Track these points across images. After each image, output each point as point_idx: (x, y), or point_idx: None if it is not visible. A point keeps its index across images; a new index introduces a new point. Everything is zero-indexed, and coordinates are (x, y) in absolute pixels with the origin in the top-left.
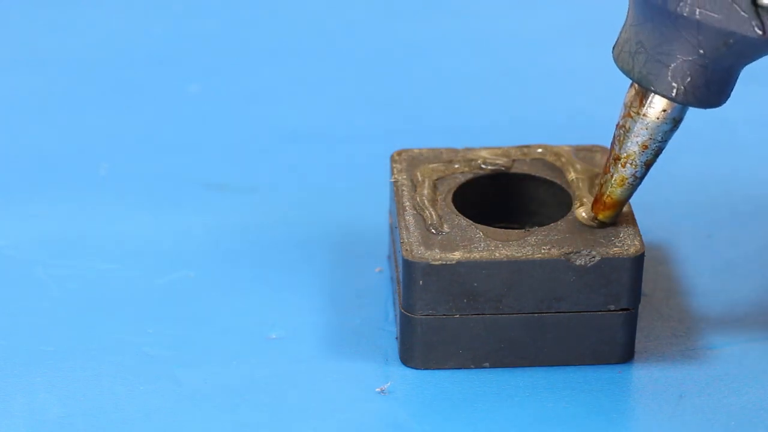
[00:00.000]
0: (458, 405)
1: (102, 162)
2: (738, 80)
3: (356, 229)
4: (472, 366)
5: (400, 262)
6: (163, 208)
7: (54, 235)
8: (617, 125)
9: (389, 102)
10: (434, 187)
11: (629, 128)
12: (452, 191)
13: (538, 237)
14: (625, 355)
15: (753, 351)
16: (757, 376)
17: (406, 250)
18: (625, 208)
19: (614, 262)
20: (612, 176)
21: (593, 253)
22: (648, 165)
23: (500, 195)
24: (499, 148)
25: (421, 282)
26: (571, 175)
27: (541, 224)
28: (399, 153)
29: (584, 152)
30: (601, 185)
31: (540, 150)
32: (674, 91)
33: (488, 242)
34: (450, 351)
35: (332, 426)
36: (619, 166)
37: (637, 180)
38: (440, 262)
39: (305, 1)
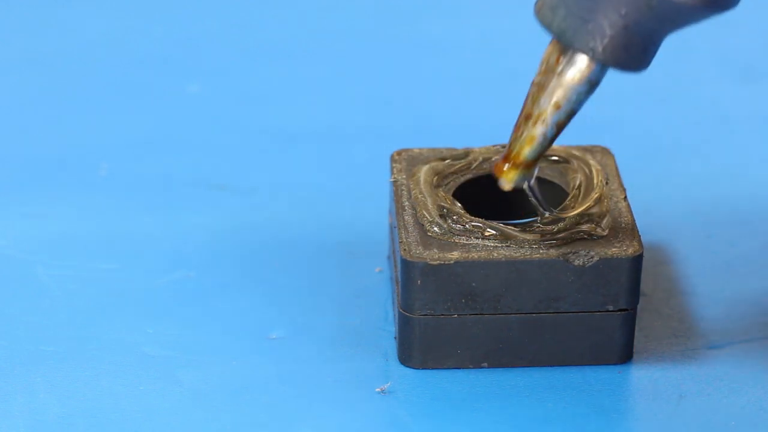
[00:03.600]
0: (458, 405)
1: (102, 162)
2: (738, 80)
3: (356, 229)
4: (471, 366)
5: (398, 261)
6: (163, 208)
7: (54, 235)
8: (532, 82)
9: (389, 102)
10: (434, 186)
11: (544, 85)
12: (452, 191)
13: (537, 237)
14: (624, 355)
15: (753, 351)
16: (757, 376)
17: (405, 249)
18: (624, 209)
19: (613, 263)
20: (521, 134)
21: (592, 253)
22: (559, 126)
23: (500, 195)
24: (499, 147)
25: (419, 282)
26: (571, 175)
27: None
28: (399, 153)
29: (584, 152)
30: (510, 143)
31: None
32: (593, 48)
33: (486, 242)
34: (449, 351)
35: (332, 426)
36: (530, 124)
37: (547, 140)
38: (438, 262)
39: (305, 1)
